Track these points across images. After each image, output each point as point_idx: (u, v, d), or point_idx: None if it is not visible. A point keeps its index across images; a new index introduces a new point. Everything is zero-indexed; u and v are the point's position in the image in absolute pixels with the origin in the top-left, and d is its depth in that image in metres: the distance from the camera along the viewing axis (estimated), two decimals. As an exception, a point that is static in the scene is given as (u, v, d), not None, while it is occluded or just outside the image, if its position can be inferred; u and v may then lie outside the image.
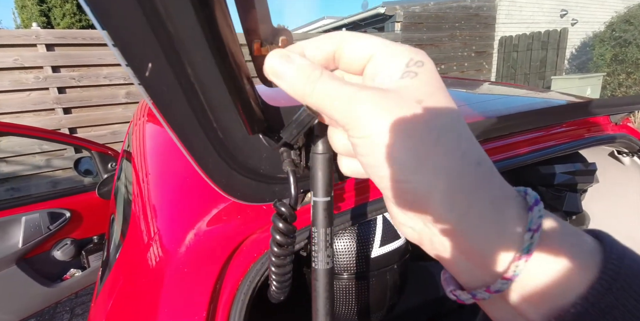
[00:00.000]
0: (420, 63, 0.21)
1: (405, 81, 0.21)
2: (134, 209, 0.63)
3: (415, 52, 0.22)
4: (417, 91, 0.20)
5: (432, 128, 0.19)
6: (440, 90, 0.21)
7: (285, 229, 0.33)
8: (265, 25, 0.25)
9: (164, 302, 0.42)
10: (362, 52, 0.22)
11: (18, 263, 1.65)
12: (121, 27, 0.19)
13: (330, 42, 0.23)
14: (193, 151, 0.28)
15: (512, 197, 0.20)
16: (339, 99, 0.21)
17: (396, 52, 0.22)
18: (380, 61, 0.22)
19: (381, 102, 0.20)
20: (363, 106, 0.20)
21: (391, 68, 0.21)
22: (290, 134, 0.28)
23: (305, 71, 0.22)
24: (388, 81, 0.21)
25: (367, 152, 0.21)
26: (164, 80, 0.23)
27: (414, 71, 0.21)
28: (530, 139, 0.85)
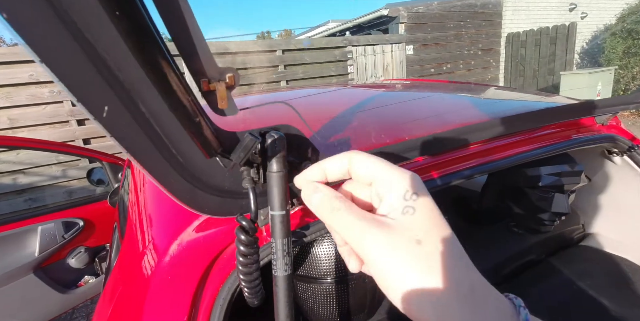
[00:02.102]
0: (415, 196, 0.25)
1: (406, 218, 0.25)
2: (130, 219, 0.68)
3: (410, 181, 0.26)
4: (415, 230, 0.24)
5: (430, 266, 0.23)
6: (435, 225, 0.25)
7: (247, 240, 0.37)
8: (210, 66, 0.29)
9: (149, 308, 0.46)
10: (366, 175, 0.28)
11: (35, 271, 1.73)
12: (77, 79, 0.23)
13: (343, 163, 0.29)
14: (156, 175, 0.31)
15: (508, 316, 0.24)
16: (353, 232, 0.26)
17: (393, 180, 0.26)
18: (381, 188, 0.27)
19: (387, 241, 0.24)
20: (373, 243, 0.24)
21: (392, 198, 0.26)
22: (238, 156, 0.32)
23: (328, 200, 0.28)
24: (392, 213, 0.25)
25: (378, 279, 0.25)
26: (121, 118, 0.27)
27: (411, 205, 0.25)
28: (516, 141, 0.86)
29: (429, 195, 0.26)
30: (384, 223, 0.25)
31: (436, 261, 0.23)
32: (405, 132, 0.74)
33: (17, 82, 3.37)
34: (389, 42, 5.73)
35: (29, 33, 0.20)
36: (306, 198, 0.29)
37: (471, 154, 0.78)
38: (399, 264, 0.24)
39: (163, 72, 0.26)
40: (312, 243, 0.63)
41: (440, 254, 0.24)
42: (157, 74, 0.26)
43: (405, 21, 5.98)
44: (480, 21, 6.76)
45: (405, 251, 0.24)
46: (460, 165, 0.75)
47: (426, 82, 1.92)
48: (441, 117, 0.87)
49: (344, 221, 0.26)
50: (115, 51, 0.23)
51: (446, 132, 0.72)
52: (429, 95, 1.17)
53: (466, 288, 0.23)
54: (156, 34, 0.25)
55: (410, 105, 1.03)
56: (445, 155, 0.74)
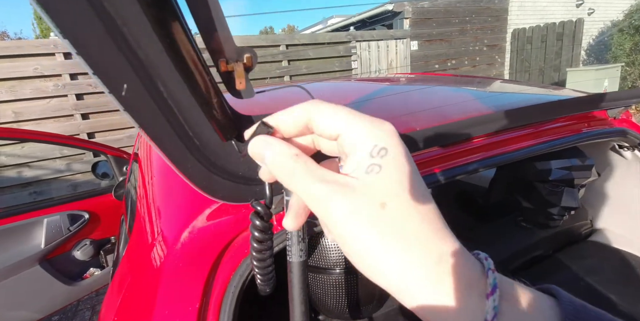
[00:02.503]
0: (384, 151, 0.22)
1: (370, 178, 0.22)
2: (138, 210, 0.68)
3: (379, 132, 0.23)
4: (380, 191, 0.22)
5: (394, 232, 0.21)
6: (404, 185, 0.22)
7: (262, 226, 0.37)
8: (229, 45, 0.28)
9: (161, 295, 0.46)
10: (330, 129, 0.24)
11: (41, 263, 1.74)
12: (97, 55, 0.23)
13: (302, 116, 0.25)
14: (172, 158, 0.31)
15: (474, 286, 0.22)
16: (312, 196, 0.23)
17: (360, 134, 0.23)
18: (347, 142, 0.23)
19: (349, 205, 0.21)
20: (335, 207, 0.22)
21: (357, 154, 0.23)
22: None
23: (281, 158, 0.24)
24: (356, 172, 0.22)
25: (341, 245, 0.23)
26: (140, 98, 0.26)
27: (377, 163, 0.22)
28: (527, 134, 0.86)
29: (403, 150, 0.23)
30: (345, 185, 0.22)
31: (401, 228, 0.21)
32: (415, 123, 0.73)
33: (22, 75, 3.38)
34: (393, 38, 5.69)
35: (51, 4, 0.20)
36: (257, 156, 0.25)
37: (481, 146, 0.78)
38: (359, 230, 0.21)
39: (183, 50, 0.26)
40: (321, 233, 0.62)
41: (407, 220, 0.22)
42: (177, 52, 0.25)
43: (409, 16, 5.93)
44: (486, 17, 6.69)
45: (367, 216, 0.21)
46: (470, 157, 0.75)
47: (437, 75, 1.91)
48: (452, 108, 0.87)
49: (301, 184, 0.23)
50: (135, 25, 0.23)
51: (457, 123, 0.71)
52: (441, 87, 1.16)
53: (433, 258, 0.21)
54: (177, 10, 0.24)
55: (419, 96, 1.02)
56: (455, 147, 0.74)
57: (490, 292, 0.21)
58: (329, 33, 5.78)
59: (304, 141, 0.27)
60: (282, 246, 0.48)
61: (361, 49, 5.36)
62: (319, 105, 0.24)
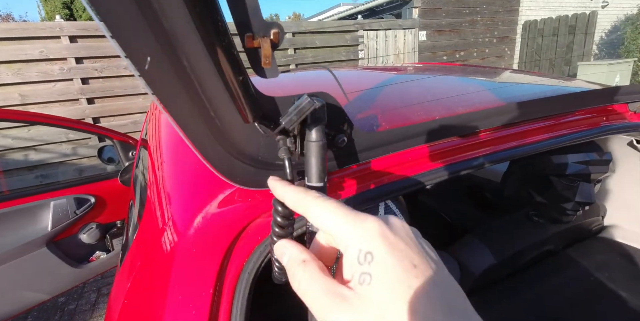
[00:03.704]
0: (370, 256, 0.22)
1: (363, 290, 0.22)
2: (149, 195, 0.67)
3: (362, 235, 0.23)
4: (375, 304, 0.21)
5: None
6: (397, 295, 0.21)
7: (284, 212, 0.35)
8: (256, 19, 0.26)
9: (175, 280, 0.46)
10: (323, 228, 0.25)
11: (48, 245, 1.76)
12: (120, 23, 0.21)
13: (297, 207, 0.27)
14: (194, 139, 0.30)
15: None
16: (315, 308, 0.23)
17: (347, 238, 0.23)
18: (338, 244, 0.24)
19: (351, 318, 0.21)
20: (332, 319, 0.22)
21: (347, 260, 0.23)
22: (290, 120, 0.30)
23: (291, 264, 0.25)
24: (352, 283, 0.22)
25: None
26: (163, 72, 0.25)
27: (366, 271, 0.22)
28: (544, 127, 0.83)
29: (388, 249, 0.22)
30: (345, 298, 0.22)
31: None
32: (434, 112, 0.71)
33: (28, 58, 3.35)
34: (401, 27, 5.58)
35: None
36: (278, 255, 0.28)
37: (497, 138, 0.76)
38: None
39: (210, 23, 0.24)
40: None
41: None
42: (204, 24, 0.24)
43: (419, 6, 5.81)
44: (497, 7, 6.55)
45: None
46: (486, 149, 0.73)
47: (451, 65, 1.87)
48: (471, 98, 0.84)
49: (307, 294, 0.23)
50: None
51: (474, 114, 0.69)
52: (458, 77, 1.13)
53: None
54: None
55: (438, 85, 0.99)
56: (470, 138, 0.72)
57: None
58: (336, 21, 5.68)
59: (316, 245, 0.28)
60: (300, 231, 0.47)
61: (369, 39, 5.27)
62: (313, 203, 0.26)
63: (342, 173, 0.57)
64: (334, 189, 0.55)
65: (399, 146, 0.56)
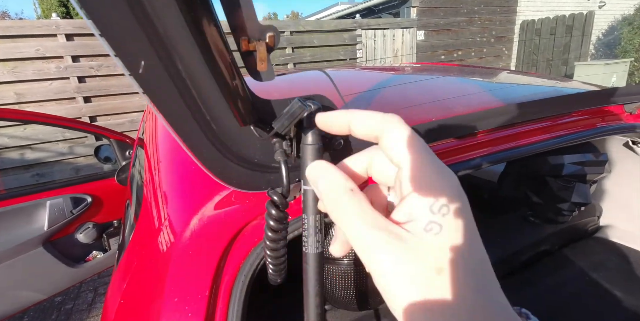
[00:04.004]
0: (446, 209, 0.20)
1: (428, 237, 0.20)
2: (145, 195, 0.67)
3: (443, 186, 0.21)
4: (438, 255, 0.20)
5: (444, 297, 0.19)
6: (462, 250, 0.20)
7: (277, 216, 0.35)
8: (252, 22, 0.26)
9: (171, 282, 0.45)
10: (395, 156, 0.22)
11: (44, 244, 1.75)
12: (113, 27, 0.21)
13: (377, 125, 0.23)
14: (188, 142, 0.30)
15: None
16: (359, 240, 0.21)
17: (423, 183, 0.21)
18: (405, 184, 0.21)
19: (400, 263, 0.20)
20: (384, 260, 0.20)
21: (415, 205, 0.21)
22: (282, 125, 0.30)
23: (335, 192, 0.23)
24: (412, 226, 0.21)
25: (384, 294, 0.21)
26: (157, 76, 0.24)
27: (438, 222, 0.20)
28: (540, 128, 0.84)
29: (463, 206, 0.21)
30: (400, 238, 0.20)
31: (454, 294, 0.19)
32: (430, 114, 0.71)
33: (24, 56, 3.33)
34: (399, 27, 5.58)
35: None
36: (312, 181, 0.24)
37: (494, 140, 0.76)
38: (406, 290, 0.19)
39: (205, 26, 0.24)
40: (330, 224, 0.61)
41: (460, 287, 0.19)
42: (199, 27, 0.24)
43: (417, 5, 5.81)
44: (495, 7, 6.56)
45: (418, 278, 0.19)
46: (483, 150, 0.73)
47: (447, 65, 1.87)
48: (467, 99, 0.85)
49: (351, 226, 0.21)
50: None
51: (470, 115, 0.70)
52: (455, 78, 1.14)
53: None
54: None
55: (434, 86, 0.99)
56: (467, 139, 0.72)
57: None
58: (334, 20, 5.67)
59: (357, 166, 0.26)
60: (294, 234, 0.47)
61: (367, 38, 5.27)
62: (399, 125, 0.23)
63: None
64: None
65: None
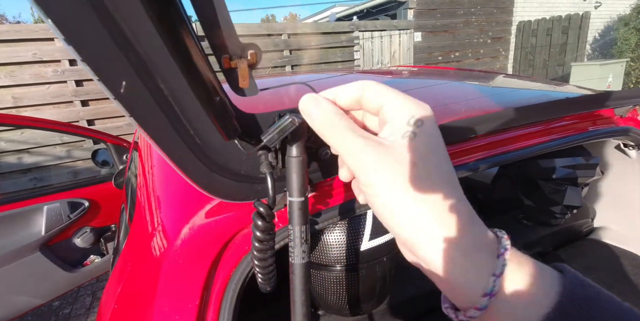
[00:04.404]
0: (420, 122, 0.24)
1: (404, 141, 0.24)
2: (138, 201, 0.67)
3: (417, 108, 0.25)
4: (413, 153, 0.24)
5: (420, 188, 0.24)
6: (433, 152, 0.25)
7: (264, 226, 0.36)
8: (232, 41, 0.27)
9: (161, 292, 0.46)
10: (375, 102, 0.26)
11: (41, 249, 1.75)
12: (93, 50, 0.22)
13: (356, 89, 0.27)
14: (173, 157, 0.30)
15: (484, 245, 0.24)
16: (347, 149, 0.25)
17: (401, 106, 0.25)
18: (388, 112, 0.26)
19: (383, 158, 0.24)
20: (368, 159, 0.24)
21: (395, 122, 0.25)
22: (271, 138, 0.30)
23: (328, 115, 0.26)
24: (392, 136, 0.25)
25: (371, 196, 0.25)
26: (139, 95, 0.25)
27: (413, 131, 0.24)
28: (534, 132, 0.84)
29: (435, 126, 0.25)
30: (380, 143, 0.25)
31: (427, 185, 0.24)
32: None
33: (21, 60, 3.33)
34: (396, 28, 5.60)
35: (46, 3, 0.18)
36: (305, 110, 0.28)
37: (486, 145, 0.77)
38: (389, 184, 0.24)
39: (184, 46, 0.25)
40: (322, 231, 0.62)
41: (432, 179, 0.24)
42: (178, 48, 0.24)
43: (414, 7, 5.83)
44: (492, 8, 6.58)
45: (399, 172, 0.24)
46: (475, 155, 0.74)
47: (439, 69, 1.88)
48: (456, 106, 0.85)
49: (340, 137, 0.26)
50: (134, 20, 0.21)
51: (461, 122, 0.70)
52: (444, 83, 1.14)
53: (449, 214, 0.24)
54: (180, 4, 0.23)
55: (424, 92, 1.00)
56: (458, 145, 0.73)
57: (502, 253, 0.23)
58: (331, 22, 5.69)
59: (355, 116, 0.30)
60: (283, 243, 0.48)
61: (364, 40, 5.28)
62: (373, 83, 0.27)
63: (331, 182, 0.57)
64: (323, 197, 0.56)
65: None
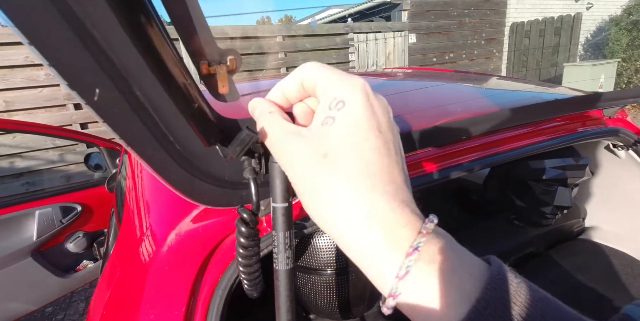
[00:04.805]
0: (341, 104, 0.23)
1: (322, 129, 0.23)
2: (127, 205, 0.67)
3: (343, 86, 0.24)
4: (326, 142, 0.23)
5: (330, 183, 0.23)
6: (351, 138, 0.23)
7: (248, 232, 0.36)
8: (210, 47, 0.27)
9: (147, 299, 0.45)
10: (312, 82, 0.26)
11: (33, 255, 1.73)
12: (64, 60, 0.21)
13: (297, 76, 0.27)
14: (152, 164, 0.30)
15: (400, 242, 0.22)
16: (272, 142, 0.26)
17: (328, 87, 0.24)
18: (318, 96, 0.25)
19: (299, 151, 0.24)
20: (287, 150, 0.25)
21: (320, 107, 0.24)
22: (234, 150, 0.30)
23: (261, 115, 0.27)
24: (314, 125, 0.25)
25: (292, 184, 0.26)
26: (114, 103, 0.25)
27: (332, 115, 0.23)
28: (523, 134, 0.85)
29: (363, 103, 0.23)
30: (300, 135, 0.24)
31: (338, 178, 0.22)
32: (412, 123, 0.72)
33: (13, 64, 3.30)
34: (391, 30, 5.62)
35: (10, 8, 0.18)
36: (251, 110, 0.29)
37: (477, 146, 0.77)
38: (302, 176, 0.24)
39: (159, 53, 0.24)
40: (312, 235, 0.62)
41: (342, 171, 0.22)
42: (153, 55, 0.24)
43: (408, 8, 5.86)
44: (485, 10, 6.62)
45: (308, 164, 0.23)
46: (465, 157, 0.74)
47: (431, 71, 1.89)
48: (447, 108, 0.85)
49: (269, 135, 0.26)
50: (106, 27, 0.21)
51: (452, 124, 0.70)
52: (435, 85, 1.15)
53: (362, 211, 0.22)
54: (152, 9, 0.23)
55: (416, 95, 1.00)
56: (451, 147, 0.73)
57: (410, 252, 0.21)
58: (326, 24, 5.70)
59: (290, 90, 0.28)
60: (268, 250, 0.47)
61: (359, 41, 5.29)
62: (309, 65, 0.26)
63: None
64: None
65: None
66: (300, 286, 0.64)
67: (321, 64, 0.26)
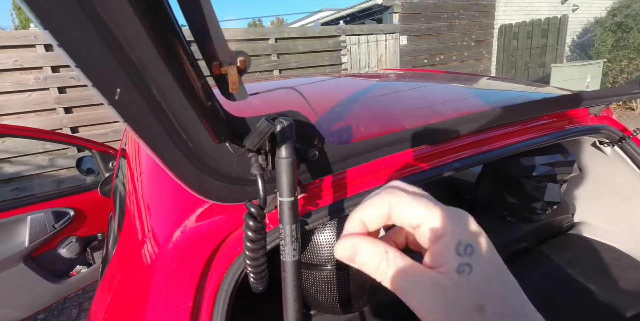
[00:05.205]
0: (470, 248, 0.22)
1: (462, 279, 0.22)
2: (128, 207, 0.67)
3: (461, 227, 0.23)
4: (475, 292, 0.21)
5: None
6: (497, 285, 0.22)
7: (255, 226, 0.37)
8: (222, 49, 0.28)
9: (154, 295, 0.46)
10: (407, 218, 0.24)
11: (25, 261, 1.71)
12: (89, 59, 0.23)
13: (382, 209, 0.25)
14: (166, 160, 0.31)
15: None
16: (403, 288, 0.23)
17: (442, 228, 0.23)
18: (427, 235, 0.23)
19: (443, 305, 0.21)
20: (427, 303, 0.22)
21: (442, 251, 0.22)
22: (252, 142, 0.32)
23: (373, 258, 0.24)
24: (445, 270, 0.22)
25: None
26: (133, 102, 0.26)
27: (467, 262, 0.22)
28: (512, 132, 0.88)
29: (486, 242, 0.23)
30: (437, 283, 0.22)
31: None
32: (404, 122, 0.74)
33: (1, 68, 3.26)
34: (382, 32, 5.69)
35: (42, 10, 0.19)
36: (346, 256, 0.25)
37: (467, 145, 0.79)
38: None
39: (176, 54, 0.26)
40: (312, 231, 0.63)
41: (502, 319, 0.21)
42: (170, 56, 0.26)
43: (399, 11, 5.93)
44: (474, 12, 6.74)
45: (463, 317, 0.21)
46: (456, 155, 0.76)
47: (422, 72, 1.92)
48: (439, 107, 0.88)
49: (398, 281, 0.23)
50: (129, 30, 0.23)
51: (443, 123, 0.73)
52: (426, 85, 1.17)
53: None
54: (171, 14, 0.24)
55: (408, 95, 1.03)
56: (441, 145, 0.75)
57: None
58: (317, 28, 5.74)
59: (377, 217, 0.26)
60: (275, 244, 0.49)
61: (351, 44, 5.34)
62: (399, 195, 0.24)
63: (320, 183, 0.59)
64: (313, 198, 0.57)
65: (371, 156, 0.58)
66: (302, 282, 0.66)
67: (407, 194, 0.24)
